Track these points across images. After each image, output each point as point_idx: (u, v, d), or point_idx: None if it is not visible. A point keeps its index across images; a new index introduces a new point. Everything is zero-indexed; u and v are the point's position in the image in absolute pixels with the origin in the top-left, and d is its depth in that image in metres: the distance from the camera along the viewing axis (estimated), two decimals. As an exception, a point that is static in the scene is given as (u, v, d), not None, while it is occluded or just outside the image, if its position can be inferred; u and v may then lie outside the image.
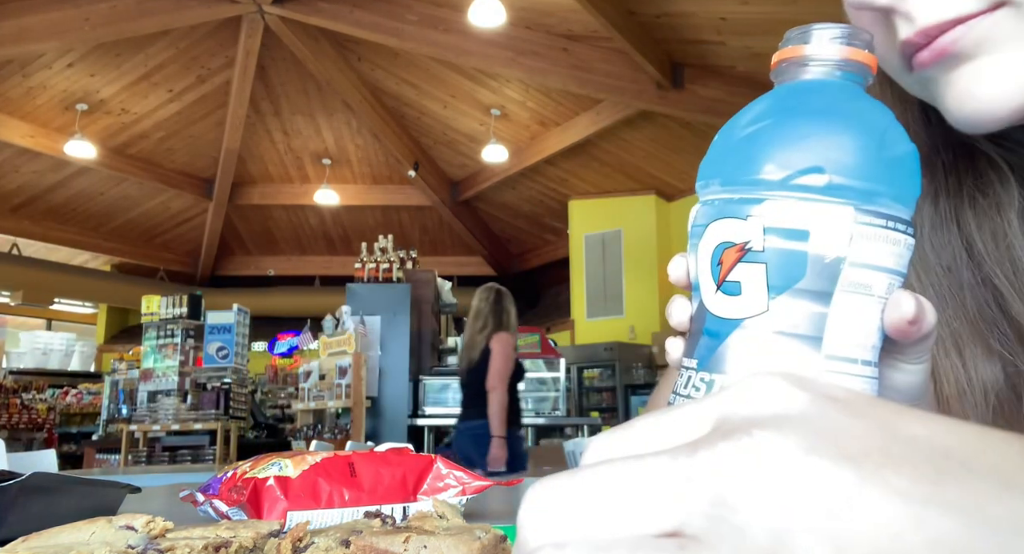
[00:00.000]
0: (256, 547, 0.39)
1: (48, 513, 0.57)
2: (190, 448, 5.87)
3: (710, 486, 0.20)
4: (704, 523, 0.20)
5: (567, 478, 0.22)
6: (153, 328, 6.30)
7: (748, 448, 0.20)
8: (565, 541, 0.20)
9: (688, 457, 0.20)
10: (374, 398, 5.63)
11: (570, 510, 0.21)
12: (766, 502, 0.19)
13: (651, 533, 0.20)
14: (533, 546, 0.21)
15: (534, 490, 0.22)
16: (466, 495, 0.64)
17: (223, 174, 9.82)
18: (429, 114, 8.74)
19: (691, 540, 0.20)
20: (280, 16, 6.90)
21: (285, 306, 11.33)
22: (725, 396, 0.23)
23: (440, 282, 6.86)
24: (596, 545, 0.20)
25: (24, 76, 7.46)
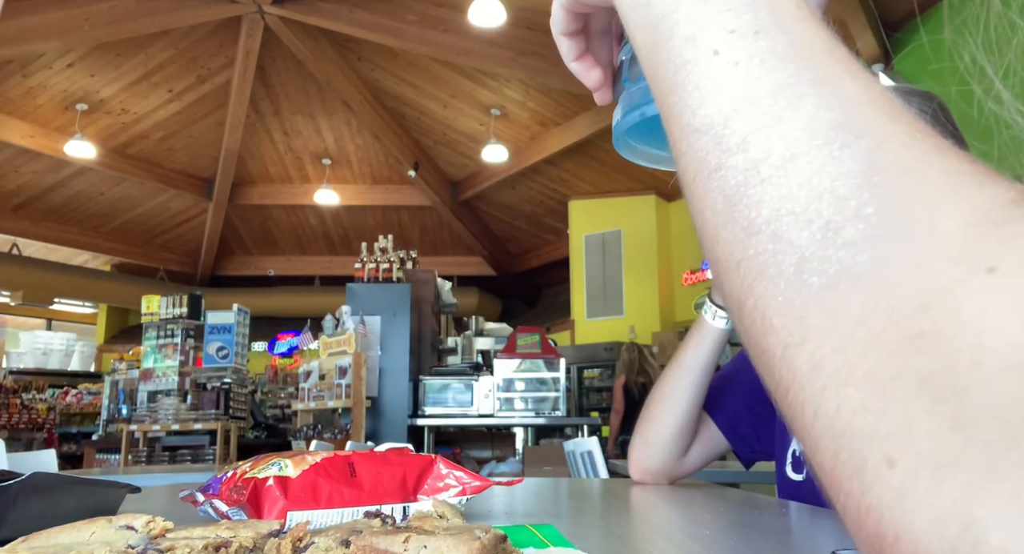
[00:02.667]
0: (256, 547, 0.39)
1: (48, 513, 0.57)
2: (190, 448, 5.87)
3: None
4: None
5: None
6: (153, 328, 6.30)
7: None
8: None
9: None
10: (374, 398, 5.63)
11: None
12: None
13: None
14: None
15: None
16: (466, 495, 0.64)
17: (223, 174, 9.82)
18: (429, 114, 8.74)
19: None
20: (280, 16, 6.90)
21: (285, 306, 11.33)
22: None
23: (440, 282, 6.86)
24: None
25: (24, 76, 7.46)
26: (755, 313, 0.24)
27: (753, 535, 0.67)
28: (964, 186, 0.22)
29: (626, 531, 0.68)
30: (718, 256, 0.26)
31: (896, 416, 0.21)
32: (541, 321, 10.34)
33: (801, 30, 0.26)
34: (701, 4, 0.27)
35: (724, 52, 0.26)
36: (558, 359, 5.98)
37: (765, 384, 0.26)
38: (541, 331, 6.10)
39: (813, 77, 0.25)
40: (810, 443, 0.23)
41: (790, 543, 0.63)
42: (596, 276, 9.36)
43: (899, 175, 0.23)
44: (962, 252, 0.21)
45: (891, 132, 0.24)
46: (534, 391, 5.91)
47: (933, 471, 0.20)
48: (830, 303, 0.22)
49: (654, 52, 0.29)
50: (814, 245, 0.23)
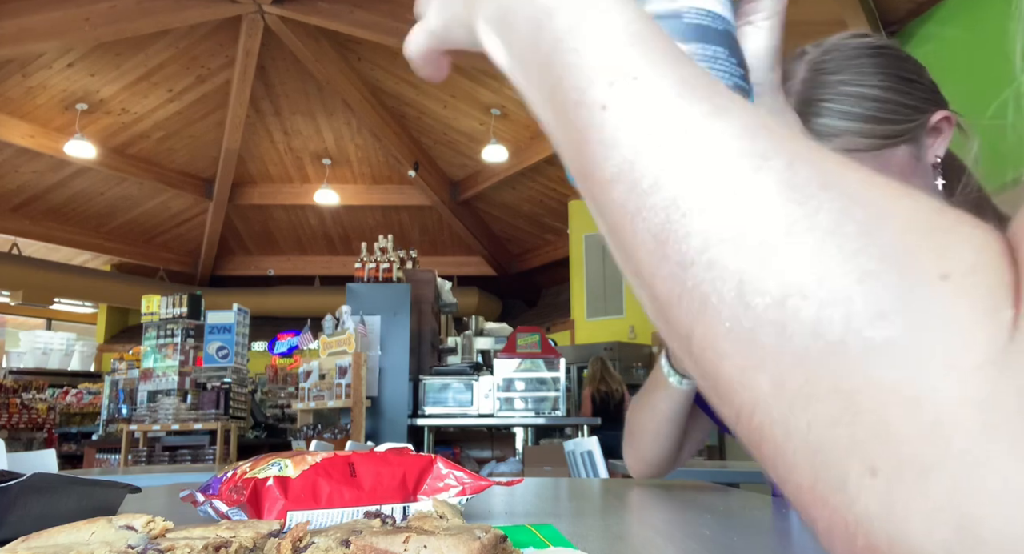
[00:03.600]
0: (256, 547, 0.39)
1: (48, 513, 0.57)
2: (190, 448, 5.87)
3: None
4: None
5: None
6: (153, 328, 6.30)
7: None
8: None
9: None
10: (374, 398, 5.63)
11: None
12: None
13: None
14: None
15: None
16: (466, 495, 0.64)
17: (223, 174, 9.82)
18: (429, 114, 8.74)
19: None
20: (280, 16, 6.90)
21: (285, 306, 11.33)
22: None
23: (440, 282, 6.86)
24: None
25: (24, 76, 7.46)
26: (704, 343, 0.24)
27: (753, 535, 0.67)
28: (895, 198, 0.23)
29: (626, 531, 0.68)
30: (658, 294, 0.26)
31: (870, 424, 0.20)
32: (541, 321, 10.34)
33: (678, 68, 0.27)
34: (577, 69, 0.28)
35: (609, 104, 0.27)
36: (558, 359, 5.98)
37: (723, 416, 0.25)
38: (541, 331, 6.10)
39: (706, 110, 0.26)
40: (783, 465, 0.23)
41: (790, 543, 0.63)
42: (596, 276, 9.36)
43: (826, 188, 0.23)
44: (912, 260, 0.21)
45: (797, 150, 0.24)
46: (534, 391, 5.91)
47: (917, 474, 0.19)
48: (780, 320, 0.22)
49: (558, 123, 0.30)
50: (752, 266, 0.23)
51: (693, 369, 0.26)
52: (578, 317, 9.57)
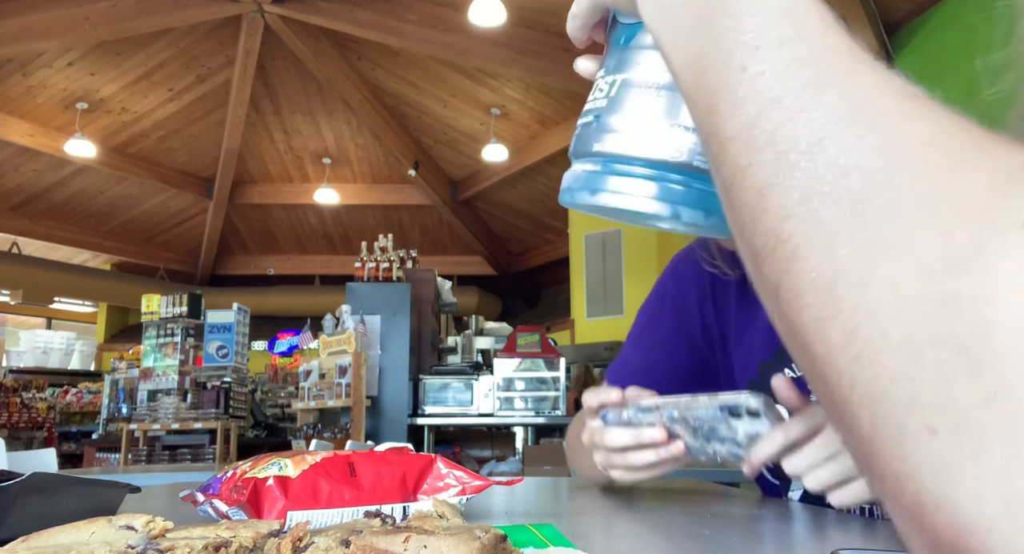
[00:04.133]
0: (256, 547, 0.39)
1: (48, 513, 0.57)
2: (190, 447, 5.87)
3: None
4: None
5: None
6: (153, 327, 6.30)
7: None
8: None
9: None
10: (374, 398, 5.63)
11: None
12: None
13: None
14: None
15: None
16: (466, 495, 0.64)
17: (223, 173, 9.82)
18: (429, 113, 8.73)
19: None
20: (280, 15, 6.90)
21: (285, 305, 11.33)
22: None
23: (440, 281, 6.86)
24: None
25: (24, 75, 7.46)
26: (790, 295, 0.25)
27: (753, 535, 0.67)
28: (985, 152, 0.23)
29: (626, 531, 0.68)
30: (756, 248, 0.27)
31: (934, 383, 0.20)
32: (541, 321, 10.34)
33: (822, 37, 0.29)
34: (730, 31, 0.30)
35: (751, 66, 0.28)
36: (558, 359, 5.98)
37: (801, 368, 0.26)
38: (541, 331, 6.10)
39: (834, 73, 0.27)
40: (846, 415, 0.23)
41: (790, 543, 0.63)
42: (596, 276, 9.36)
43: (921, 146, 0.24)
44: (990, 211, 0.21)
45: (910, 110, 0.25)
46: (534, 391, 5.91)
47: (975, 442, 0.19)
48: (861, 273, 0.23)
49: (695, 85, 0.32)
50: (844, 219, 0.24)
51: (779, 322, 0.27)
52: (578, 317, 9.56)
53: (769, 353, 0.99)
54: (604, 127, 0.42)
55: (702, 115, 0.31)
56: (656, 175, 0.41)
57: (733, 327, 1.04)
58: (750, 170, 0.27)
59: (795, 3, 0.30)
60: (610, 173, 0.42)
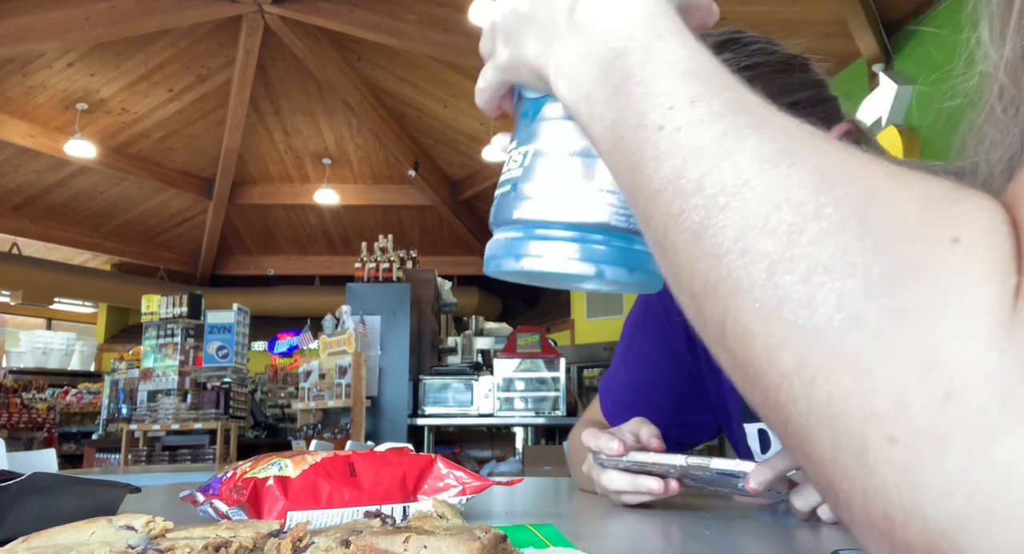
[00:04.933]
0: (256, 547, 0.39)
1: (48, 513, 0.57)
2: (190, 447, 5.87)
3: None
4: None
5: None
6: (153, 328, 6.30)
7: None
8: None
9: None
10: (374, 398, 5.63)
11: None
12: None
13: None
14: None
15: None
16: (466, 495, 0.64)
17: (223, 174, 9.82)
18: (429, 114, 8.73)
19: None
20: (280, 16, 6.90)
21: (285, 306, 11.33)
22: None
23: (440, 282, 6.86)
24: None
25: (24, 75, 7.46)
26: (736, 328, 0.26)
27: (753, 535, 0.67)
28: (908, 180, 0.25)
29: (626, 531, 0.68)
30: (696, 290, 0.28)
31: (889, 393, 0.21)
32: (541, 321, 10.34)
33: (729, 92, 0.30)
34: (642, 97, 0.32)
35: (667, 124, 0.30)
36: (558, 359, 5.99)
37: (752, 402, 0.27)
38: (541, 331, 6.10)
39: (750, 122, 0.29)
40: (806, 439, 0.23)
41: (791, 543, 0.63)
42: (596, 276, 9.35)
43: (848, 178, 0.25)
44: (923, 229, 0.23)
45: (828, 149, 0.27)
46: (534, 391, 5.91)
47: (933, 443, 0.20)
48: (805, 296, 0.24)
49: (615, 148, 0.33)
50: (780, 249, 0.25)
51: (727, 360, 0.28)
52: (578, 317, 9.57)
53: None
54: (521, 195, 0.43)
55: (626, 175, 0.33)
56: (577, 237, 0.42)
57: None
58: (682, 217, 0.28)
59: (697, 66, 0.32)
60: (532, 238, 0.42)
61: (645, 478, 0.80)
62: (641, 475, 0.80)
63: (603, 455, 0.82)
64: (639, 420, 0.89)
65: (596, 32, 0.36)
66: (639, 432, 0.86)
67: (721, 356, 0.28)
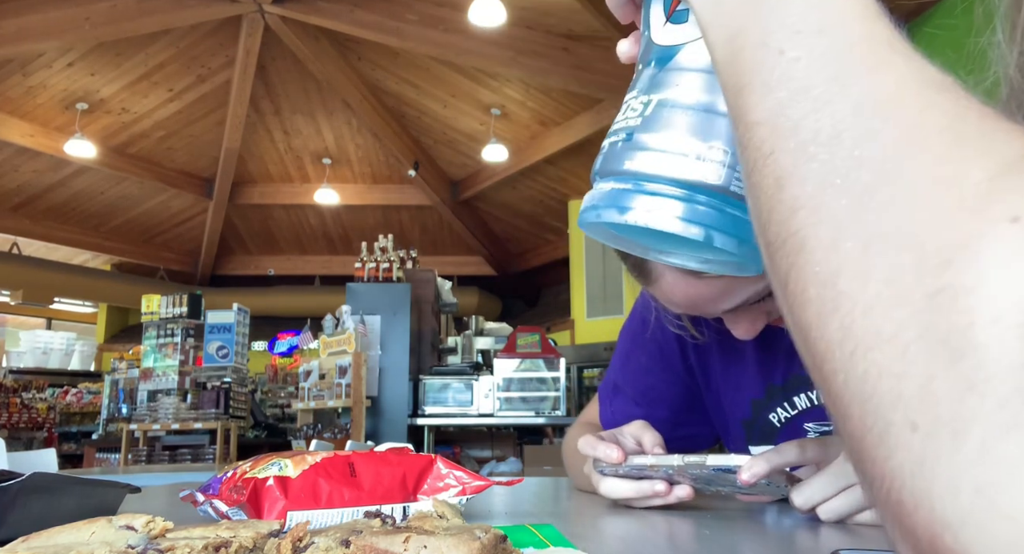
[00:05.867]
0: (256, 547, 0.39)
1: (48, 513, 0.57)
2: (190, 447, 5.87)
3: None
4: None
5: None
6: (153, 327, 6.30)
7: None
8: None
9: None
10: (374, 398, 5.63)
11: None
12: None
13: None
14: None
15: None
16: (466, 495, 0.64)
17: (223, 173, 9.82)
18: (429, 114, 8.73)
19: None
20: (280, 15, 6.90)
21: (285, 306, 11.33)
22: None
23: (440, 282, 6.86)
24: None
25: (24, 75, 7.46)
26: (796, 288, 0.25)
27: (753, 535, 0.67)
28: (997, 141, 0.23)
29: (626, 531, 0.68)
30: (770, 239, 0.27)
31: (917, 377, 0.20)
32: (541, 321, 10.34)
33: (863, 26, 0.29)
34: (773, 12, 0.30)
35: (789, 50, 0.29)
36: (558, 359, 5.98)
37: (807, 365, 0.26)
38: (541, 331, 6.10)
39: (865, 64, 0.27)
40: (841, 412, 0.23)
41: (791, 543, 0.63)
42: (596, 276, 9.36)
43: (933, 136, 0.24)
44: (986, 202, 0.21)
45: (934, 101, 0.25)
46: (534, 391, 5.91)
47: (951, 433, 0.19)
48: (861, 266, 0.23)
49: (730, 63, 0.32)
50: (850, 212, 0.24)
51: (787, 316, 0.27)
52: (578, 317, 9.57)
53: (759, 391, 0.99)
54: (636, 145, 0.40)
55: (732, 95, 0.31)
56: (690, 196, 0.39)
57: (718, 363, 1.03)
58: (771, 158, 0.27)
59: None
60: (641, 192, 0.40)
61: (651, 482, 0.79)
62: (644, 480, 0.80)
63: (603, 463, 0.82)
64: (641, 424, 0.88)
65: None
66: (642, 439, 0.86)
67: (784, 309, 0.27)
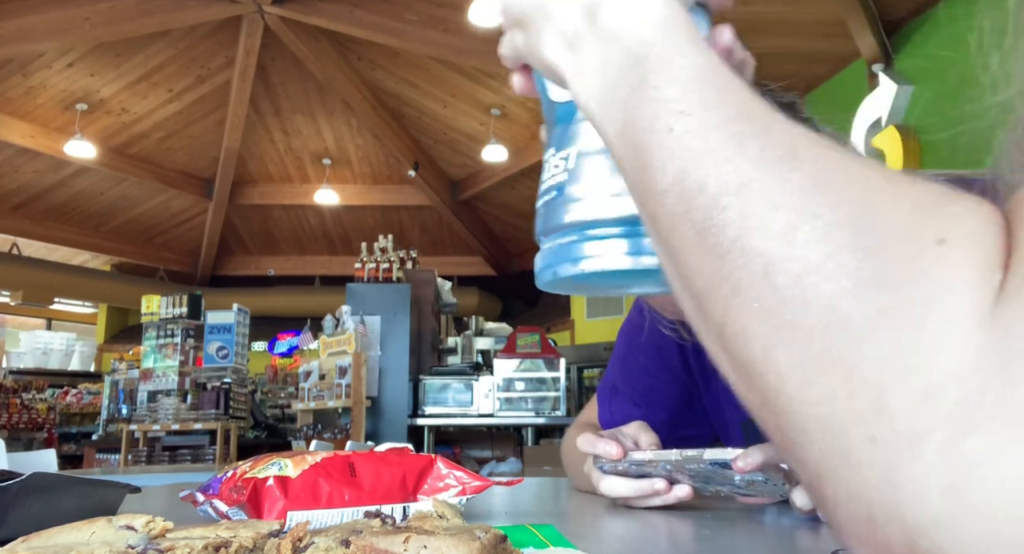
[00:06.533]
0: (256, 547, 0.39)
1: (48, 513, 0.57)
2: (190, 448, 5.87)
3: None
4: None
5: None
6: (153, 328, 6.29)
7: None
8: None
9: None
10: (374, 398, 5.63)
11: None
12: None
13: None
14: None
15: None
16: (466, 495, 0.64)
17: (223, 174, 9.82)
18: (429, 114, 8.73)
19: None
20: (280, 16, 6.90)
21: (285, 306, 11.33)
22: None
23: (440, 282, 6.86)
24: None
25: (24, 76, 7.46)
26: (736, 328, 0.27)
27: (753, 535, 0.67)
28: (903, 186, 0.25)
29: (626, 531, 0.68)
30: (698, 289, 0.29)
31: (871, 394, 0.21)
32: (541, 321, 10.34)
33: (742, 99, 0.31)
34: (654, 101, 0.33)
35: (677, 127, 0.31)
36: (558, 359, 5.99)
37: (751, 405, 0.27)
38: (541, 331, 6.10)
39: (757, 129, 0.30)
40: (800, 442, 0.24)
41: (791, 543, 0.63)
42: (596, 276, 9.34)
43: (846, 184, 0.26)
44: (913, 232, 0.23)
45: (833, 156, 0.28)
46: (534, 391, 5.91)
47: (909, 441, 0.20)
48: (799, 297, 0.24)
49: (626, 150, 0.34)
50: (776, 249, 0.25)
51: (726, 362, 0.28)
52: (578, 317, 9.57)
53: None
54: (570, 198, 0.43)
55: (635, 175, 0.34)
56: (632, 230, 0.41)
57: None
58: (686, 216, 0.29)
59: (710, 74, 0.33)
60: (587, 240, 0.42)
61: (651, 480, 0.80)
62: (643, 479, 0.80)
63: (602, 460, 0.82)
64: (639, 425, 0.89)
65: (618, 39, 0.37)
66: (639, 439, 0.86)
67: (720, 357, 0.29)
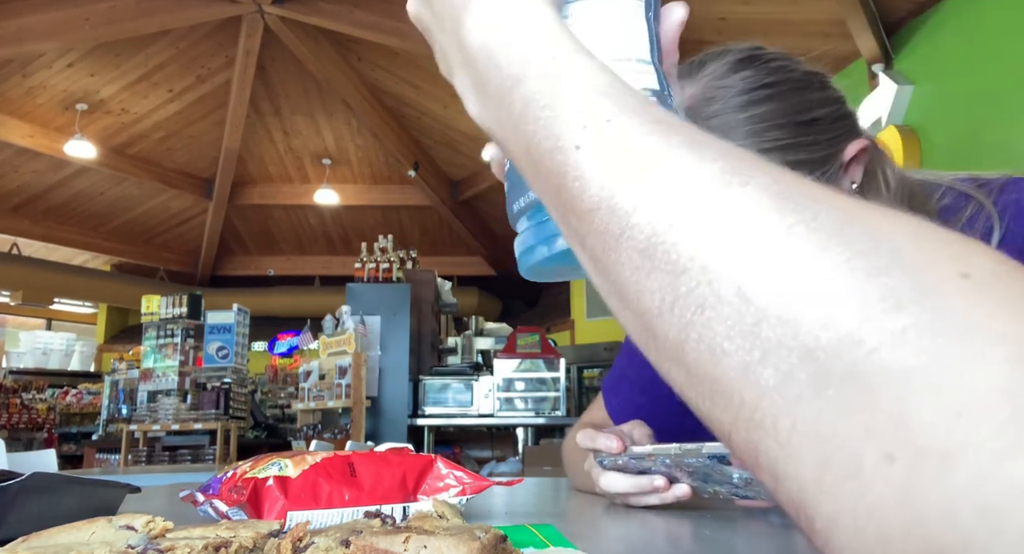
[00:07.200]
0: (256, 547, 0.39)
1: (48, 513, 0.57)
2: (190, 448, 5.87)
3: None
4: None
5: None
6: (153, 328, 6.29)
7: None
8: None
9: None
10: (374, 398, 5.63)
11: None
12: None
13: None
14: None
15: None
16: (466, 495, 0.64)
17: (223, 174, 9.82)
18: (429, 114, 8.73)
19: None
20: (280, 16, 6.90)
21: (285, 306, 11.33)
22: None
23: (440, 282, 6.86)
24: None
25: (24, 76, 7.46)
26: (701, 346, 0.24)
27: (753, 535, 0.67)
28: (885, 212, 0.24)
29: (626, 531, 0.68)
30: (646, 308, 0.26)
31: (889, 411, 0.20)
32: (541, 321, 10.34)
33: (647, 109, 0.29)
34: (552, 121, 0.30)
35: (584, 144, 0.29)
36: (558, 359, 5.99)
37: (716, 421, 0.25)
38: (541, 331, 6.10)
39: (681, 140, 0.27)
40: (784, 458, 0.23)
41: (791, 543, 0.63)
42: (596, 276, 9.35)
43: (815, 202, 0.24)
44: (928, 261, 0.22)
45: (782, 173, 0.26)
46: (534, 391, 5.91)
47: (938, 460, 0.19)
48: (786, 315, 0.22)
49: (536, 172, 0.32)
50: (751, 266, 0.23)
51: (681, 377, 0.26)
52: (578, 317, 9.56)
53: None
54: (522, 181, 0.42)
55: (552, 197, 0.31)
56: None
57: None
58: (625, 235, 0.27)
59: (604, 84, 0.30)
60: (548, 220, 0.41)
61: (648, 477, 0.80)
62: (643, 475, 0.80)
63: (602, 454, 0.82)
64: (635, 422, 0.90)
65: (488, 60, 0.34)
66: (633, 434, 0.87)
67: (673, 373, 0.26)
